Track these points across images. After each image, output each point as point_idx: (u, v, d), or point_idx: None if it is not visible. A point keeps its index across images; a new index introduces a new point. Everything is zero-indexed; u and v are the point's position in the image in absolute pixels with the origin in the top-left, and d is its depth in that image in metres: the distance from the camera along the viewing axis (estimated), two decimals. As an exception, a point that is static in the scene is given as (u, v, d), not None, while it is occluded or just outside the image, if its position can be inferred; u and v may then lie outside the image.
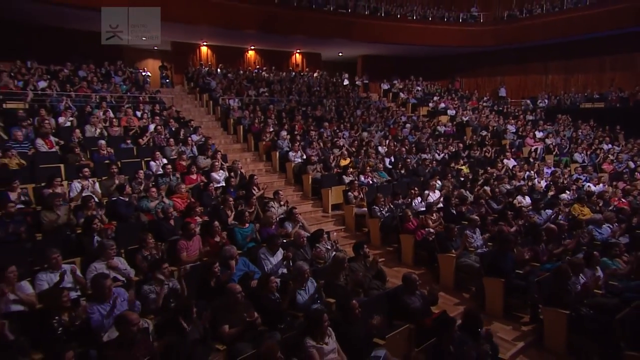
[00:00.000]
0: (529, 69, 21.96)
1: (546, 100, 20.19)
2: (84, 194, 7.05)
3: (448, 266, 6.77)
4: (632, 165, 13.49)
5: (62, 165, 8.35)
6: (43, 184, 7.25)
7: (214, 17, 16.42)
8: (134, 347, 3.66)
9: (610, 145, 15.26)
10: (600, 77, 19.63)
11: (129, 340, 3.66)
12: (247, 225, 6.63)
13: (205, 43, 20.03)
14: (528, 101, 20.44)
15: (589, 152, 14.36)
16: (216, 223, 6.17)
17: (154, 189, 7.31)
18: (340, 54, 24.10)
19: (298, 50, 22.83)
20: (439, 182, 10.19)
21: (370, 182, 10.10)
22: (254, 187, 8.53)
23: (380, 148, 12.81)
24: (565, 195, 10.21)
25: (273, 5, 17.82)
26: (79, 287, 4.87)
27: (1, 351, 3.65)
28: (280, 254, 5.67)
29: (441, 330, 4.03)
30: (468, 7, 22.84)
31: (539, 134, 16.17)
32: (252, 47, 21.50)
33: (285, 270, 5.60)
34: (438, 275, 6.98)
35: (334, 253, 6.17)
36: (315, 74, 21.85)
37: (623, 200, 10.21)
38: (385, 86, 22.37)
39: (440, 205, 8.76)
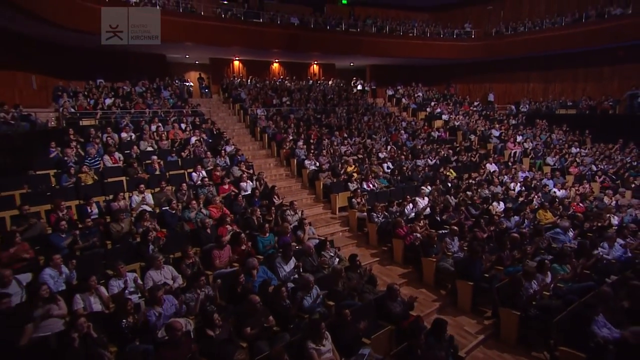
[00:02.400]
0: (514, 78, 21.77)
1: (527, 106, 19.97)
2: (140, 207, 7.60)
3: (429, 268, 7.10)
4: (594, 168, 13.43)
5: (124, 179, 8.84)
6: (110, 197, 7.79)
7: (245, 40, 16.78)
8: (180, 347, 4.18)
9: (578, 149, 15.16)
10: (574, 87, 19.57)
11: (175, 342, 4.16)
12: (267, 234, 6.94)
13: (237, 58, 20.31)
14: (512, 106, 20.26)
15: (559, 156, 14.31)
16: (243, 235, 6.54)
17: (194, 202, 7.63)
18: (351, 64, 24.11)
19: (315, 62, 22.88)
20: (428, 187, 10.38)
21: (372, 187, 10.34)
22: (275, 196, 8.92)
23: (380, 154, 12.90)
24: (534, 200, 10.33)
25: (294, 28, 18.07)
26: (139, 292, 5.39)
27: (88, 345, 4.13)
28: (292, 262, 6.06)
29: (412, 336, 4.44)
30: (462, 24, 22.58)
31: (519, 138, 16.12)
32: (277, 60, 21.66)
33: (296, 276, 6.00)
34: (422, 274, 7.31)
35: (336, 260, 6.59)
36: (330, 82, 21.96)
37: (581, 205, 10.26)
38: (390, 92, 22.37)
39: (428, 211, 9.03)
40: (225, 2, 19.61)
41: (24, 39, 12.90)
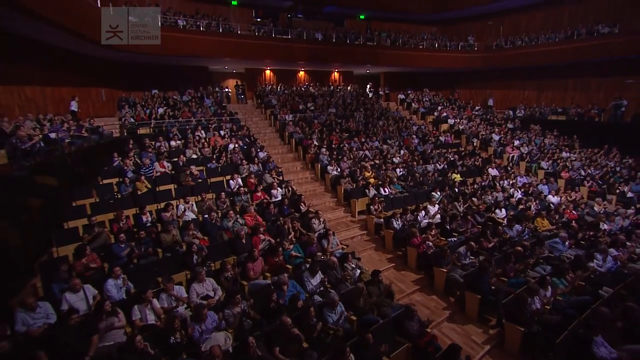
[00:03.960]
0: (511, 85, 20.46)
1: (523, 111, 18.76)
2: (185, 216, 7.34)
3: (440, 277, 6.62)
4: (583, 173, 12.50)
5: (173, 186, 8.59)
6: (162, 206, 7.59)
7: (275, 54, 16.14)
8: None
9: (568, 154, 14.15)
10: (563, 95, 18.32)
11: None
12: (291, 246, 6.56)
13: (268, 68, 19.69)
14: (510, 112, 19.08)
15: (551, 161, 13.37)
16: (280, 249, 6.20)
17: (232, 212, 7.31)
18: (367, 71, 23.09)
19: (336, 70, 22.00)
20: (438, 192, 9.81)
21: (387, 192, 9.83)
22: (302, 203, 8.54)
23: (395, 159, 12.30)
24: (532, 206, 9.64)
25: (318, 43, 17.29)
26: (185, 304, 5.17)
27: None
28: (319, 276, 5.70)
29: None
30: (465, 37, 21.26)
31: (516, 142, 15.16)
32: (302, 69, 20.93)
33: (322, 288, 5.67)
34: (433, 281, 6.86)
35: (357, 272, 6.20)
36: (349, 88, 21.15)
37: (574, 212, 9.50)
38: (401, 96, 21.41)
39: (439, 220, 8.50)
40: (258, 19, 18.93)
41: (94, 60, 12.70)
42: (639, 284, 6.29)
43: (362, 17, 21.82)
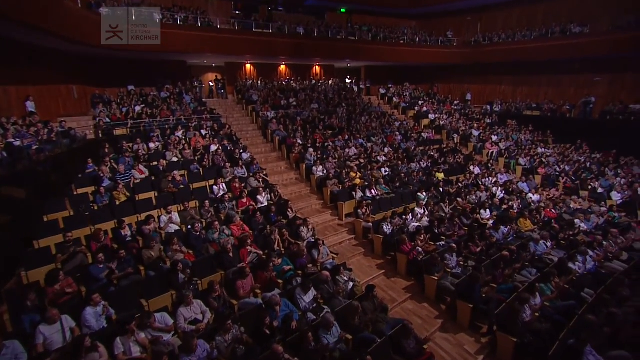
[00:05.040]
0: (488, 80, 20.58)
1: (500, 106, 18.95)
2: (168, 228, 6.83)
3: (431, 285, 6.47)
4: (558, 169, 12.72)
5: (153, 194, 7.99)
6: (142, 218, 7.01)
7: (257, 49, 15.41)
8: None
9: (543, 149, 14.38)
10: (537, 91, 18.65)
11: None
12: (280, 260, 6.14)
13: (249, 62, 18.86)
14: (487, 106, 19.22)
15: (528, 157, 13.52)
16: (271, 265, 5.82)
17: (217, 222, 6.81)
18: (349, 65, 22.59)
19: (317, 64, 21.40)
20: (424, 193, 9.67)
21: (374, 193, 9.60)
22: (289, 210, 8.15)
23: (379, 158, 12.01)
24: (515, 206, 9.68)
25: (300, 37, 16.62)
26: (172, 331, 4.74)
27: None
28: (312, 293, 5.41)
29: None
30: (444, 31, 21.18)
31: (494, 138, 15.26)
32: (284, 63, 20.21)
33: (315, 305, 5.37)
34: (424, 288, 6.70)
35: (350, 284, 5.94)
36: (330, 82, 20.64)
37: (553, 211, 9.60)
38: (382, 90, 21.10)
39: (427, 222, 8.34)
40: (237, 12, 18.00)
41: (63, 55, 11.61)
42: (618, 286, 6.37)
43: (343, 10, 21.22)
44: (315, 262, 6.48)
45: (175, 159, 9.64)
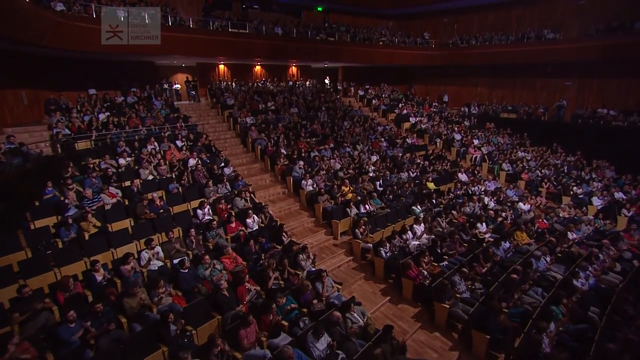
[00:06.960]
0: (464, 82, 20.94)
1: (477, 108, 19.25)
2: (150, 265, 5.99)
3: (442, 313, 6.13)
4: (539, 174, 12.98)
5: (129, 222, 7.02)
6: (117, 253, 6.11)
7: (232, 51, 14.51)
8: None
9: (523, 153, 14.68)
10: (512, 94, 19.26)
11: None
12: (284, 299, 5.54)
13: (222, 63, 17.76)
14: (465, 108, 19.46)
15: (509, 162, 13.69)
16: (274, 306, 5.20)
17: (207, 256, 6.06)
18: (325, 65, 22.00)
19: (294, 64, 20.66)
20: (418, 207, 9.38)
21: (369, 208, 9.09)
22: (283, 234, 7.49)
23: (370, 172, 11.29)
24: (508, 217, 9.63)
25: (277, 38, 15.77)
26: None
27: None
28: (325, 339, 4.85)
29: None
30: (421, 32, 21.23)
31: (476, 142, 15.38)
32: (259, 63, 19.28)
33: (329, 351, 4.82)
34: (433, 315, 6.36)
35: (361, 321, 5.45)
36: (307, 83, 20.01)
37: (544, 221, 9.66)
38: (361, 92, 20.73)
39: (426, 240, 8.01)
40: (208, 5, 16.79)
41: (7, 55, 10.10)
42: (623, 304, 6.38)
43: (319, 9, 20.60)
44: (321, 296, 5.92)
45: (150, 177, 8.62)
